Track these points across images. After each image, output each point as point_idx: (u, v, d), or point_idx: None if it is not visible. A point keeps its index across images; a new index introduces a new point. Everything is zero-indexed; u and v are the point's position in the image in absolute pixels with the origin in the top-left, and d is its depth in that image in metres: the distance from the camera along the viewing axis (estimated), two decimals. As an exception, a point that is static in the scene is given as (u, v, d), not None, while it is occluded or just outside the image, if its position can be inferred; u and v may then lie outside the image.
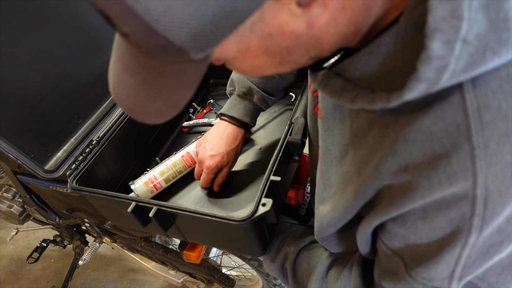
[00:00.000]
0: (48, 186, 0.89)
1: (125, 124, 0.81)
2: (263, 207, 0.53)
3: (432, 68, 0.25)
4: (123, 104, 0.34)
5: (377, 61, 0.31)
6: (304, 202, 0.86)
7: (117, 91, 0.34)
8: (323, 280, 0.54)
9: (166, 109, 0.33)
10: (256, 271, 1.07)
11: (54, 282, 1.75)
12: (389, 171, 0.33)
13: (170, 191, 0.80)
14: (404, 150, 0.31)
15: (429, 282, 0.36)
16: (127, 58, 0.31)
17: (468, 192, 0.30)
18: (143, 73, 0.31)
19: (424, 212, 0.33)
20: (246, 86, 0.71)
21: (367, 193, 0.36)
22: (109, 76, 0.35)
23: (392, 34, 0.29)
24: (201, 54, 0.27)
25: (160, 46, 0.26)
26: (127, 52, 0.31)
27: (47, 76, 0.78)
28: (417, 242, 0.36)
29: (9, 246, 1.92)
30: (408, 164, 0.31)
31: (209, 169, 0.72)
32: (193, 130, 0.97)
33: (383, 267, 0.42)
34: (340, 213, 0.41)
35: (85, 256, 1.25)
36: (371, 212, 0.38)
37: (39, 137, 0.76)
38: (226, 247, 0.89)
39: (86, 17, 0.85)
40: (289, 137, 0.62)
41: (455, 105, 0.28)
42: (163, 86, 0.31)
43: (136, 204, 0.59)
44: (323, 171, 0.45)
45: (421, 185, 0.31)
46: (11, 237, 1.41)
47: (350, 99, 0.33)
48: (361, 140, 0.37)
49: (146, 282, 1.70)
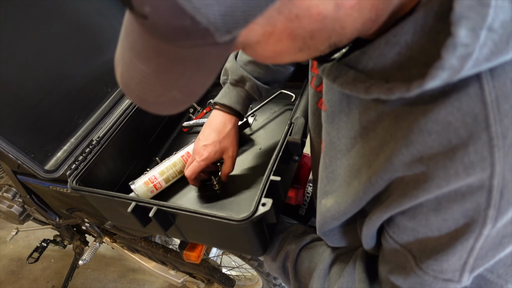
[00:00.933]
0: (48, 186, 0.89)
1: (125, 124, 0.81)
2: (263, 207, 0.53)
3: (457, 55, 0.25)
4: (133, 94, 0.32)
5: (394, 51, 0.30)
6: (304, 202, 0.86)
7: (126, 80, 0.32)
8: (325, 278, 0.54)
9: (182, 97, 0.31)
10: (256, 271, 1.08)
11: (54, 282, 1.75)
12: (402, 163, 0.32)
13: (170, 191, 0.80)
14: (419, 141, 0.31)
15: (440, 274, 0.36)
16: (139, 45, 0.30)
17: (484, 182, 0.30)
18: (158, 59, 0.29)
19: (438, 204, 0.33)
20: (238, 74, 0.71)
21: (377, 185, 0.36)
22: (116, 66, 0.34)
23: (411, 23, 0.29)
24: (227, 37, 0.26)
25: (184, 27, 0.25)
26: (140, 38, 0.29)
27: (47, 76, 0.78)
28: (427, 235, 0.36)
29: (9, 246, 1.92)
30: (423, 155, 0.31)
31: (201, 158, 0.71)
32: (193, 130, 0.97)
33: (390, 262, 0.42)
34: (346, 206, 0.41)
35: (85, 256, 1.25)
36: (381, 206, 0.37)
37: (39, 137, 0.76)
38: (226, 247, 0.89)
39: (86, 17, 0.86)
40: (289, 137, 0.62)
41: (473, 96, 0.28)
42: (181, 73, 0.29)
43: (136, 204, 0.59)
44: (327, 164, 0.45)
45: (438, 176, 0.31)
46: (11, 237, 1.41)
47: (364, 89, 0.32)
48: (370, 132, 0.37)
49: (146, 282, 1.70)
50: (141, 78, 0.31)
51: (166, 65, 0.29)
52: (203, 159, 0.71)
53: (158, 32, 0.26)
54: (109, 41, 0.90)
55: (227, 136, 0.72)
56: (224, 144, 0.72)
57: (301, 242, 0.61)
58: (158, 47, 0.28)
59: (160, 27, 0.26)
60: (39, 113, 0.76)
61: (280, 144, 0.62)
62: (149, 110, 0.33)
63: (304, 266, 0.58)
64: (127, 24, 0.31)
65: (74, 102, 0.83)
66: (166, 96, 0.31)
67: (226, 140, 0.72)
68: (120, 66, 0.33)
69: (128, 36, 0.31)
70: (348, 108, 0.40)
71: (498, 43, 0.25)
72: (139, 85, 0.31)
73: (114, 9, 0.91)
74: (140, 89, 0.32)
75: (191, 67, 0.29)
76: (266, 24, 0.27)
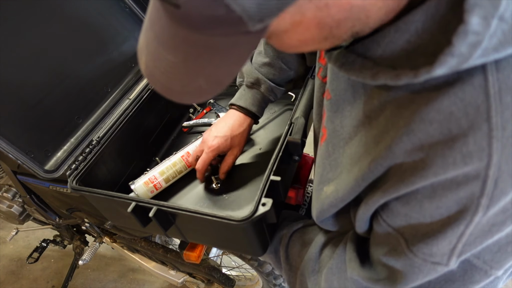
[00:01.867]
0: (48, 186, 0.89)
1: (125, 124, 0.81)
2: (263, 207, 0.53)
3: (467, 43, 0.26)
4: (158, 84, 0.33)
5: (403, 39, 0.31)
6: (304, 202, 0.86)
7: (151, 70, 0.32)
8: (316, 260, 0.54)
9: (208, 87, 0.31)
10: (256, 271, 1.08)
11: (54, 282, 1.75)
12: (403, 150, 0.33)
13: (170, 191, 0.80)
14: (420, 130, 0.31)
15: (429, 257, 0.37)
16: (167, 34, 0.30)
17: (480, 172, 0.30)
18: (186, 48, 0.29)
19: (432, 191, 0.34)
20: (253, 76, 0.73)
21: (376, 171, 0.36)
22: (140, 55, 0.34)
23: (422, 11, 0.29)
24: (259, 25, 0.26)
25: (218, 17, 0.25)
26: (167, 27, 0.29)
27: (47, 76, 0.78)
28: (419, 220, 0.36)
29: (9, 246, 1.92)
30: (423, 143, 0.32)
31: (210, 148, 0.72)
32: (193, 130, 0.97)
33: (382, 244, 0.43)
34: (344, 193, 0.42)
35: (85, 256, 1.25)
36: (378, 191, 0.38)
37: (39, 137, 0.76)
38: (226, 247, 0.89)
39: (86, 17, 0.86)
40: (289, 137, 0.62)
41: (477, 87, 0.29)
42: (208, 62, 0.30)
43: (136, 204, 0.59)
44: (330, 152, 0.46)
45: (435, 164, 0.31)
46: (11, 237, 1.40)
47: (370, 75, 0.33)
48: (372, 121, 0.37)
49: (146, 282, 1.70)
50: (167, 67, 0.31)
51: (194, 54, 0.29)
52: (212, 150, 0.72)
53: (189, 22, 0.27)
54: (109, 41, 0.90)
55: (239, 135, 0.74)
56: (234, 141, 0.73)
57: (293, 227, 0.61)
58: (187, 36, 0.28)
59: (193, 16, 0.26)
60: (39, 113, 0.76)
61: (280, 144, 0.62)
62: (174, 99, 0.33)
63: (295, 249, 0.59)
64: (152, 14, 0.31)
65: (74, 102, 0.83)
66: (192, 85, 0.31)
67: (237, 138, 0.74)
68: (144, 55, 0.33)
69: (154, 26, 0.31)
70: (353, 98, 0.41)
71: (507, 33, 0.26)
72: (164, 75, 0.31)
73: (114, 9, 0.91)
74: (165, 78, 0.32)
75: (219, 55, 0.29)
76: (296, 13, 0.27)
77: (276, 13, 0.26)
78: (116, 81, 0.91)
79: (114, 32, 0.91)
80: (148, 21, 0.32)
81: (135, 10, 0.95)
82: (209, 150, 0.72)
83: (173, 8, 0.26)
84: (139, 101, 0.85)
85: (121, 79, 0.92)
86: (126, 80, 0.93)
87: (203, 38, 0.28)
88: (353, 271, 0.46)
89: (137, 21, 0.96)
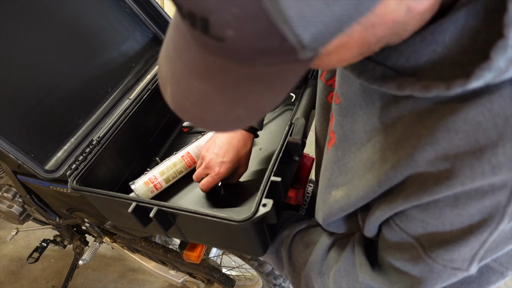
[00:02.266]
0: (48, 186, 0.89)
1: (125, 124, 0.81)
2: (263, 208, 0.53)
3: (506, 58, 0.26)
4: (188, 115, 0.30)
5: (429, 49, 0.30)
6: (304, 202, 0.86)
7: (181, 101, 0.30)
8: (322, 262, 0.54)
9: (248, 115, 0.29)
10: (256, 271, 1.08)
11: (54, 282, 1.75)
12: (425, 159, 0.33)
13: (170, 191, 0.80)
14: (445, 139, 0.31)
15: (449, 263, 0.37)
16: (199, 64, 0.28)
17: (508, 182, 0.30)
18: (224, 78, 0.27)
19: (455, 200, 0.33)
20: None
21: (395, 179, 0.36)
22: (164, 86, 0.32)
23: (450, 21, 0.29)
24: (310, 53, 0.24)
25: (268, 49, 0.24)
26: (200, 57, 0.27)
27: (47, 75, 0.78)
28: (437, 227, 0.36)
29: (9, 246, 1.91)
30: (448, 153, 0.31)
31: (218, 175, 0.69)
32: (193, 130, 0.97)
33: (394, 249, 0.42)
34: (357, 199, 0.41)
35: (85, 256, 1.25)
36: (396, 198, 0.37)
37: (39, 137, 0.76)
38: (226, 247, 0.89)
39: (86, 17, 0.85)
40: (290, 137, 0.62)
41: (506, 98, 0.28)
42: (250, 92, 0.28)
43: (136, 204, 0.59)
44: (339, 157, 0.45)
45: (463, 174, 0.31)
46: (11, 237, 1.40)
47: (396, 86, 0.32)
48: (388, 128, 0.37)
49: (146, 282, 1.70)
50: (201, 98, 0.29)
51: (233, 84, 0.28)
52: (219, 176, 0.70)
53: (232, 54, 0.25)
54: (109, 41, 0.90)
55: (245, 156, 0.72)
56: (240, 162, 0.72)
57: (295, 228, 0.61)
58: (225, 66, 0.27)
59: (239, 48, 0.24)
60: (39, 113, 0.76)
61: (281, 145, 0.62)
62: (208, 129, 0.31)
63: (299, 251, 0.59)
64: (178, 42, 0.29)
65: (74, 102, 0.83)
66: (230, 115, 0.29)
67: (243, 159, 0.72)
68: (169, 86, 0.31)
69: (183, 56, 0.29)
70: (365, 102, 0.40)
71: None
72: (197, 106, 0.30)
73: (114, 9, 0.91)
74: (198, 110, 0.30)
75: (262, 85, 0.28)
76: (344, 36, 0.26)
77: (330, 40, 0.24)
78: (116, 81, 0.91)
79: (114, 32, 0.91)
80: (173, 50, 0.30)
81: (135, 10, 0.95)
82: (216, 176, 0.70)
83: (215, 41, 0.24)
84: (139, 101, 0.84)
85: (121, 79, 0.92)
86: (126, 80, 0.93)
87: (245, 68, 0.26)
88: (365, 275, 0.46)
89: (137, 21, 0.96)
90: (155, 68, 0.96)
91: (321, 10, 0.21)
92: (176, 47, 0.30)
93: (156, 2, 0.96)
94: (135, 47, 0.95)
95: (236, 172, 0.73)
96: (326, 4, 0.21)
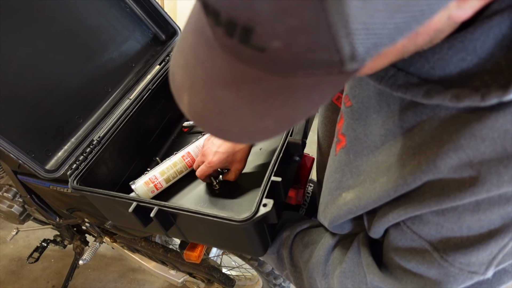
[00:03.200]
0: (49, 186, 0.89)
1: (125, 124, 0.81)
2: (264, 208, 0.53)
3: None
4: (209, 126, 0.28)
5: (458, 57, 0.30)
6: (304, 202, 0.86)
7: (201, 112, 0.28)
8: (326, 263, 0.54)
9: (276, 127, 0.27)
10: (256, 271, 1.08)
11: (54, 282, 1.75)
12: (448, 166, 0.32)
13: (170, 191, 0.80)
14: (470, 146, 0.31)
15: (466, 267, 0.37)
16: (226, 74, 0.26)
17: None
18: (256, 89, 0.25)
19: (476, 205, 0.33)
20: None
21: (413, 184, 0.35)
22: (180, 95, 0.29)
23: (482, 30, 0.28)
24: (357, 65, 0.23)
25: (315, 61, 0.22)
26: (228, 67, 0.25)
27: (48, 75, 0.78)
28: (454, 230, 0.36)
29: (10, 246, 1.91)
30: (472, 159, 0.31)
31: (210, 164, 0.71)
32: (193, 130, 0.97)
33: (403, 251, 0.42)
34: (368, 201, 0.41)
35: (85, 256, 1.25)
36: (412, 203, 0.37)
37: (39, 136, 0.76)
38: (226, 247, 0.89)
39: (86, 17, 0.85)
40: (290, 137, 0.62)
41: None
42: (283, 103, 0.25)
43: (137, 204, 0.59)
44: (350, 159, 0.45)
45: (489, 181, 0.31)
46: (11, 237, 1.40)
47: (422, 94, 0.31)
48: (405, 132, 0.37)
49: (146, 282, 1.70)
50: (225, 109, 0.27)
51: (265, 95, 0.25)
52: (211, 166, 0.71)
53: (271, 65, 0.23)
54: (109, 41, 0.90)
55: (241, 151, 0.72)
56: (236, 157, 0.72)
57: (296, 228, 0.61)
58: (258, 77, 0.25)
59: (281, 60, 0.22)
60: (40, 113, 0.76)
61: (281, 145, 0.62)
62: (230, 141, 0.29)
63: (300, 251, 0.58)
64: (200, 50, 0.27)
65: (75, 102, 0.83)
66: (257, 126, 0.27)
67: (239, 154, 0.72)
68: (187, 95, 0.29)
69: (205, 64, 0.27)
70: (379, 106, 0.40)
71: None
72: (220, 117, 0.27)
73: (114, 9, 0.91)
74: (221, 121, 0.27)
75: (298, 96, 0.25)
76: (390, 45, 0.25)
77: (381, 51, 0.23)
78: (116, 81, 0.91)
79: (114, 32, 0.91)
80: (193, 57, 0.28)
81: (135, 10, 0.95)
82: (208, 165, 0.71)
83: (253, 51, 0.22)
84: (140, 101, 0.85)
85: (122, 79, 0.92)
86: (127, 80, 0.93)
87: (281, 79, 0.24)
88: (374, 276, 0.46)
89: (137, 21, 0.96)
90: (155, 68, 0.96)
91: (384, 22, 0.20)
92: (196, 54, 0.27)
93: (156, 2, 0.96)
94: (135, 47, 0.96)
95: (232, 167, 0.73)
96: (390, 15, 0.20)
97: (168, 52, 0.97)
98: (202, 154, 0.73)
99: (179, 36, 0.99)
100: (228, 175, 0.75)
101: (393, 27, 0.21)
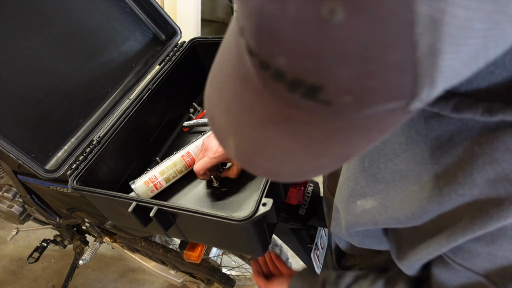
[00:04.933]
0: (49, 186, 0.89)
1: (125, 124, 0.81)
2: (263, 207, 0.53)
3: None
4: (261, 169, 0.27)
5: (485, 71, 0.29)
6: (304, 202, 0.86)
7: (251, 156, 0.27)
8: None
9: (331, 164, 0.26)
10: (256, 271, 1.07)
11: (54, 282, 1.75)
12: (485, 179, 0.31)
13: (170, 191, 0.81)
14: (506, 160, 0.30)
15: None
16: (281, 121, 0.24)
17: None
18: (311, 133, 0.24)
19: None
20: None
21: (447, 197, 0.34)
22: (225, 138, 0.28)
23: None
24: (420, 105, 0.21)
25: (384, 110, 0.20)
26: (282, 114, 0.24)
27: (48, 75, 0.78)
28: (508, 259, 0.34)
29: (10, 246, 1.92)
30: (509, 174, 0.30)
31: (215, 154, 0.69)
32: (194, 130, 0.97)
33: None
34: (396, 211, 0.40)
35: (85, 256, 1.25)
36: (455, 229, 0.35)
37: (39, 136, 0.76)
38: (226, 247, 0.89)
39: (86, 17, 0.86)
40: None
41: None
42: (340, 143, 0.24)
43: (137, 204, 0.60)
44: (365, 167, 0.44)
45: None
46: (11, 237, 1.41)
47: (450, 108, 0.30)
48: (430, 141, 0.35)
49: (146, 282, 1.70)
50: (278, 153, 0.26)
51: (322, 137, 0.24)
52: (216, 157, 0.69)
53: (334, 114, 0.22)
54: (109, 41, 0.91)
55: None
56: None
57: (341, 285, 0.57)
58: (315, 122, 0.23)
59: (348, 111, 0.21)
60: (40, 113, 0.76)
61: (281, 144, 0.62)
62: (281, 181, 0.28)
63: None
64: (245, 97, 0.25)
65: (75, 101, 0.83)
66: (311, 165, 0.26)
67: None
68: (233, 140, 0.27)
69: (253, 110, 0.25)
70: None
71: None
72: (272, 160, 0.26)
73: (114, 9, 0.91)
74: (273, 164, 0.26)
75: (356, 135, 0.24)
76: None
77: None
78: (116, 81, 0.91)
79: (114, 32, 0.91)
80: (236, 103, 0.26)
81: (135, 10, 0.95)
82: (213, 156, 0.69)
83: (317, 104, 0.21)
84: (140, 101, 0.85)
85: (122, 79, 0.92)
86: (127, 80, 0.93)
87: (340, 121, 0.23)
88: None
89: (137, 21, 0.96)
90: (155, 68, 0.96)
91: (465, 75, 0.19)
92: (241, 101, 0.26)
93: (156, 2, 0.96)
94: (135, 47, 0.96)
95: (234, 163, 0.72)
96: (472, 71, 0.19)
97: (168, 52, 0.97)
98: (204, 149, 0.72)
99: (179, 36, 0.99)
100: (230, 171, 0.75)
101: (476, 69, 0.20)
